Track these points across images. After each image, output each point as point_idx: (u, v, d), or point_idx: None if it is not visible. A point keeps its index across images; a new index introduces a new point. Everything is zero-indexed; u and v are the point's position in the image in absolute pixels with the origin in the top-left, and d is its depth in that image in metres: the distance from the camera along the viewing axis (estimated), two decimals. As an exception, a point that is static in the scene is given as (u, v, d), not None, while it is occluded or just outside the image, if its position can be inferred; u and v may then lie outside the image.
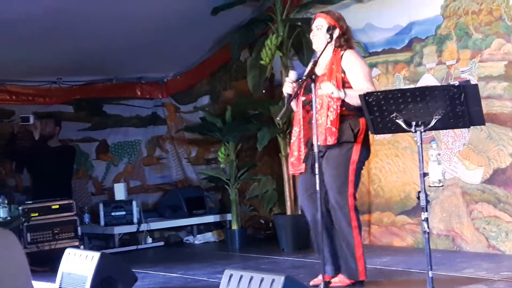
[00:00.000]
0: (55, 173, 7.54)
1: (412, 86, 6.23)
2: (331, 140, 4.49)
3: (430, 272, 3.90)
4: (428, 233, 3.91)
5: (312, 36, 4.76)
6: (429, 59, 6.42)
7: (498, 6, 5.86)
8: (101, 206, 7.87)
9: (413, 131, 3.93)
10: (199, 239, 8.12)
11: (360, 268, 4.65)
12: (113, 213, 7.83)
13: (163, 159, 9.30)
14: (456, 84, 3.87)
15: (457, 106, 3.83)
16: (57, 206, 6.79)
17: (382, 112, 3.98)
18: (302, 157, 4.66)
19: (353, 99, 4.44)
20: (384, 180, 6.83)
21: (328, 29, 4.65)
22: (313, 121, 4.45)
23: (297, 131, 4.69)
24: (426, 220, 3.90)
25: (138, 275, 5.19)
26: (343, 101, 4.50)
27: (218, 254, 7.12)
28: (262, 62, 7.03)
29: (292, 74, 4.66)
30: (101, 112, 8.85)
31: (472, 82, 5.70)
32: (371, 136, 6.72)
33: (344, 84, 4.55)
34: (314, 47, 4.78)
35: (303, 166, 4.68)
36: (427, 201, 3.92)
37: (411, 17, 6.53)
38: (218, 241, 8.05)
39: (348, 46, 4.70)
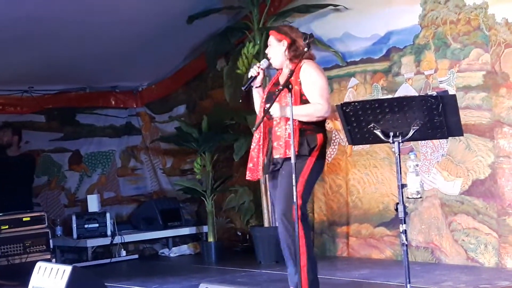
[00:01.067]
0: (13, 184, 7.44)
1: (390, 96, 6.27)
2: (290, 153, 4.50)
3: (408, 285, 3.90)
4: (406, 245, 3.91)
5: (268, 54, 4.83)
6: (407, 69, 6.45)
7: (476, 16, 5.91)
8: (74, 218, 7.80)
9: (391, 141, 3.93)
10: (174, 251, 8.07)
11: (303, 279, 4.60)
12: (86, 226, 7.76)
13: (138, 170, 9.25)
14: (434, 94, 3.88)
15: (435, 117, 3.84)
16: (28, 218, 6.72)
17: (359, 122, 3.98)
18: (261, 163, 4.71)
19: (301, 117, 4.51)
20: (363, 191, 6.84)
21: (278, 45, 4.72)
22: (274, 131, 4.59)
23: (257, 137, 4.73)
24: (405, 232, 3.90)
25: (111, 290, 5.14)
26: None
27: (194, 267, 7.09)
28: (238, 71, 7.03)
29: (264, 62, 4.76)
30: (74, 122, 8.79)
31: (451, 92, 5.76)
32: (349, 146, 6.85)
33: (301, 97, 4.58)
34: (273, 65, 4.82)
35: (260, 172, 4.72)
36: (406, 213, 3.91)
37: (389, 26, 6.56)
38: (194, 254, 8.00)
39: (301, 56, 4.69)
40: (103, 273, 6.68)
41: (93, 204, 8.03)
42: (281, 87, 4.29)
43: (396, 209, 3.92)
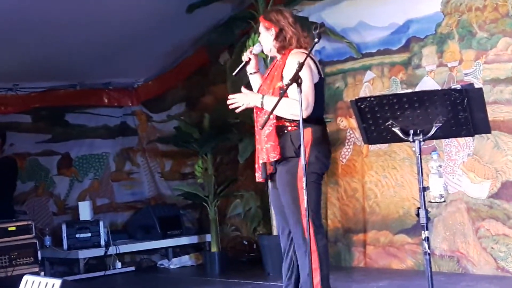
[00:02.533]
0: None
1: (410, 90, 6.27)
2: (274, 156, 4.46)
3: (432, 298, 3.91)
4: (429, 254, 3.91)
5: (260, 40, 4.80)
6: (429, 60, 6.45)
7: (505, 2, 5.91)
8: (64, 227, 7.83)
9: (411, 140, 3.93)
10: (174, 263, 8.10)
11: None
12: (77, 235, 7.79)
13: (134, 174, 9.28)
14: (459, 88, 3.89)
15: (460, 113, 3.84)
16: (14, 228, 6.74)
17: (376, 119, 3.98)
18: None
19: (279, 111, 4.36)
20: (381, 196, 6.85)
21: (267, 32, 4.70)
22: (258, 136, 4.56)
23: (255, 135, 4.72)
24: (427, 239, 3.90)
25: (106, 305, 5.17)
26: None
27: (196, 280, 7.11)
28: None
29: (257, 47, 4.75)
30: (63, 122, 8.81)
31: (476, 86, 5.75)
32: (365, 146, 6.85)
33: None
34: (265, 52, 4.80)
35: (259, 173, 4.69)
36: (428, 219, 3.92)
37: (408, 14, 6.57)
38: (196, 265, 8.03)
39: (290, 44, 4.66)
40: (97, 287, 6.69)
41: (85, 211, 8.06)
42: (289, 82, 4.24)
43: (418, 215, 3.93)
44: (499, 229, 5.99)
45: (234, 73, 4.79)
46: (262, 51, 4.79)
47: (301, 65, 4.23)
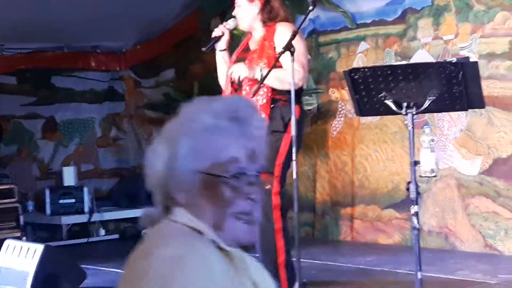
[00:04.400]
0: None
1: (404, 62, 6.25)
2: None
3: (419, 274, 3.92)
4: (418, 229, 3.93)
5: (235, 14, 4.73)
6: (425, 33, 6.44)
7: (503, -26, 5.89)
8: (47, 192, 7.81)
9: (404, 113, 3.94)
10: (159, 232, 8.10)
11: (282, 277, 4.57)
12: (61, 201, 7.78)
13: (120, 140, 9.26)
14: (454, 61, 3.89)
15: (454, 86, 3.84)
16: (-4, 192, 6.73)
17: (369, 91, 3.98)
18: None
19: (275, 81, 4.38)
20: (370, 169, 6.86)
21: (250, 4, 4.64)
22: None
23: None
24: (416, 214, 3.91)
25: (89, 272, 5.17)
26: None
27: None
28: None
29: (231, 22, 4.71)
30: (49, 85, 8.77)
31: (472, 60, 5.74)
32: (356, 119, 6.85)
33: (276, 62, 4.48)
34: (241, 27, 4.75)
35: None
36: (418, 193, 3.93)
37: (405, -16, 6.55)
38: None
39: (276, 18, 4.64)
40: (79, 253, 6.70)
41: (69, 177, 8.03)
42: (282, 50, 4.22)
43: (408, 189, 3.94)
44: (488, 207, 6.01)
45: (204, 49, 4.72)
46: (236, 27, 4.72)
47: (294, 33, 4.22)
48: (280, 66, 4.46)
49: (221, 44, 4.72)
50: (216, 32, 4.72)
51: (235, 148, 1.75)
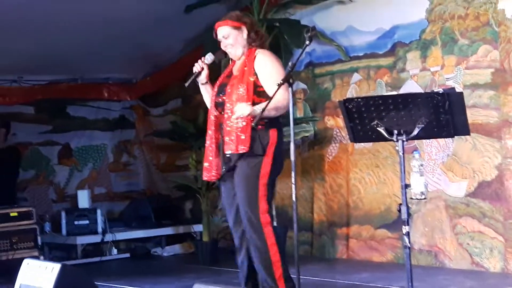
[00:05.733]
0: None
1: (394, 93, 6.27)
2: (243, 148, 4.44)
3: (410, 289, 3.91)
4: (409, 248, 3.92)
5: (224, 47, 4.72)
6: (413, 64, 6.46)
7: (486, 11, 5.92)
8: (63, 214, 7.81)
9: (395, 140, 3.94)
10: (167, 251, 8.08)
11: None
12: (76, 222, 7.77)
13: (131, 165, 9.27)
14: (441, 92, 3.89)
15: (441, 115, 3.85)
16: (16, 214, 6.71)
17: (362, 119, 3.99)
18: (215, 163, 4.62)
19: (271, 111, 4.39)
20: (364, 192, 6.85)
21: (237, 32, 4.64)
22: (224, 127, 4.51)
23: (210, 133, 4.67)
24: (408, 234, 3.91)
25: (101, 289, 5.15)
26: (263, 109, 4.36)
27: (187, 267, 7.10)
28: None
29: (209, 57, 4.72)
30: (65, 114, 8.80)
31: (457, 90, 5.74)
32: (350, 145, 6.86)
33: (256, 88, 4.52)
34: (233, 57, 4.73)
35: (215, 172, 4.63)
36: (409, 214, 3.92)
37: (394, 20, 6.57)
38: (187, 254, 8.01)
39: (261, 44, 4.67)
40: (93, 271, 6.67)
41: (83, 200, 8.03)
42: (282, 82, 4.23)
43: (399, 210, 3.93)
44: (475, 226, 6.00)
45: (186, 84, 4.71)
46: (214, 61, 4.74)
47: (293, 66, 4.25)
48: (262, 90, 4.49)
49: (202, 78, 4.73)
50: (196, 68, 4.72)
51: None
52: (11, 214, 6.72)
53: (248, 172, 4.47)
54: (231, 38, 4.66)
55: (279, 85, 4.27)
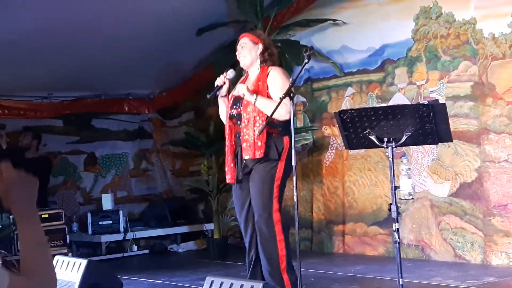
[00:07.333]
0: None
1: (384, 104, 6.28)
2: (259, 154, 4.43)
3: (400, 280, 3.91)
4: (398, 243, 3.92)
5: (238, 54, 4.75)
6: (401, 79, 6.47)
7: (465, 31, 5.93)
8: (89, 215, 7.82)
9: (385, 146, 3.94)
10: (182, 247, 8.08)
11: (286, 280, 4.53)
12: (100, 222, 7.78)
13: (149, 171, 9.27)
14: (425, 103, 3.90)
15: (426, 124, 3.85)
16: (47, 215, 6.71)
17: (356, 128, 3.99)
18: (231, 168, 4.62)
19: (265, 107, 4.41)
20: (358, 193, 6.85)
21: (253, 46, 4.65)
22: (241, 137, 4.49)
23: (227, 143, 4.68)
24: (397, 230, 3.91)
25: (124, 282, 5.15)
26: (267, 117, 4.41)
27: (200, 262, 7.10)
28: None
29: (231, 73, 4.71)
30: (90, 126, 8.81)
31: (441, 101, 5.76)
32: (345, 151, 6.86)
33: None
34: (241, 65, 4.74)
35: (232, 175, 4.61)
36: (398, 213, 3.93)
37: (384, 40, 6.58)
38: (200, 250, 8.01)
39: (272, 62, 4.68)
40: (116, 266, 6.69)
41: (107, 202, 8.04)
42: (283, 95, 4.24)
43: (390, 209, 3.93)
44: (457, 223, 6.00)
45: (208, 96, 4.70)
46: (235, 77, 4.73)
47: (293, 82, 4.26)
48: None
49: (223, 91, 4.71)
50: (218, 81, 4.71)
51: None
52: (43, 216, 6.72)
53: (265, 175, 4.47)
54: (246, 48, 4.67)
55: (281, 99, 4.29)
